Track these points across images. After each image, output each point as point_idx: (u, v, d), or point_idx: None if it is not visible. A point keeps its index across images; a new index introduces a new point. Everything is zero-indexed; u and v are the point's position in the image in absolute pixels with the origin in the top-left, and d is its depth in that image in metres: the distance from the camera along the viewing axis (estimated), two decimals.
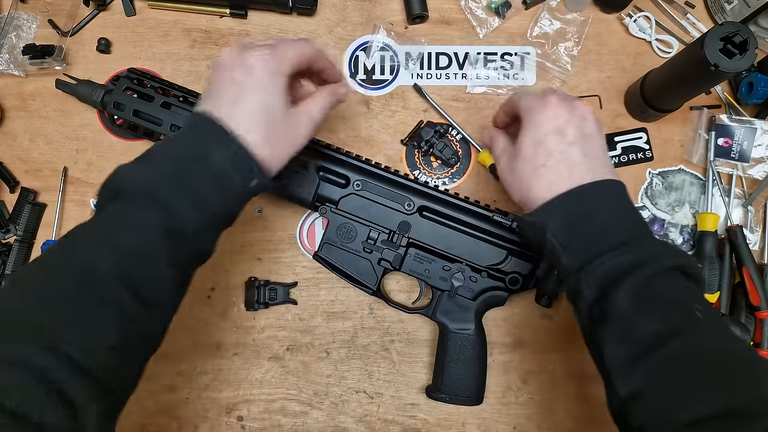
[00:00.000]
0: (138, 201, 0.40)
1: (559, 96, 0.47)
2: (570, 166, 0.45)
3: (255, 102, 0.43)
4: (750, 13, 0.65)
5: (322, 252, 0.59)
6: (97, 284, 0.36)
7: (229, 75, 0.44)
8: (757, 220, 0.67)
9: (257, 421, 0.63)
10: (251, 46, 0.45)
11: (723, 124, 0.66)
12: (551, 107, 0.46)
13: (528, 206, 0.47)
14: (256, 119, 0.43)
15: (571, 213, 0.44)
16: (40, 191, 0.66)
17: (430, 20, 0.69)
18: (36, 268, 0.40)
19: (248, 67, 0.43)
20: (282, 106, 0.45)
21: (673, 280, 0.40)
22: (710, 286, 0.63)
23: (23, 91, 0.67)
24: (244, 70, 0.44)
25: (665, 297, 0.40)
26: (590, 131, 0.47)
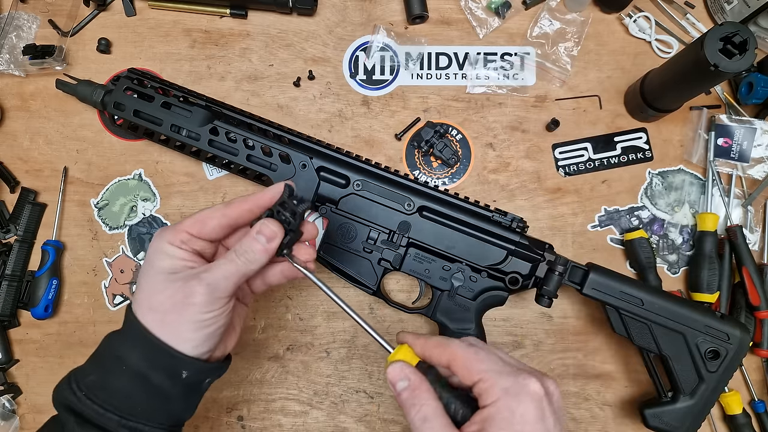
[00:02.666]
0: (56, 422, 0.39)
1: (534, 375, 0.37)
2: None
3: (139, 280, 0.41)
4: (750, 13, 0.65)
5: (322, 252, 0.59)
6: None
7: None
8: (756, 220, 0.67)
9: (257, 420, 0.63)
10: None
11: (723, 124, 0.66)
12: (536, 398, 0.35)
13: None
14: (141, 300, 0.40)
15: None
16: (40, 191, 0.66)
17: (430, 20, 0.70)
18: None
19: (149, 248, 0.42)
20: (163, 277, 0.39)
21: None
22: (710, 286, 0.63)
23: (23, 91, 0.67)
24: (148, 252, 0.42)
25: None
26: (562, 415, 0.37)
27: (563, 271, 0.57)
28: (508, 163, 0.68)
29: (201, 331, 0.39)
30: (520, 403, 0.34)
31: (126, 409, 0.39)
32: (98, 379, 0.39)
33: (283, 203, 0.42)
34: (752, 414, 0.64)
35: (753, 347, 0.63)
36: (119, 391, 0.39)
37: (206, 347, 0.40)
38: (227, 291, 0.40)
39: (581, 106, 0.69)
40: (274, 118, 0.61)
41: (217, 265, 0.40)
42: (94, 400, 0.38)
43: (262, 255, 0.41)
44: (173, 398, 0.40)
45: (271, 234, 0.41)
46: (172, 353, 0.39)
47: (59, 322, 0.65)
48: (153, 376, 0.39)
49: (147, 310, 0.39)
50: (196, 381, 0.41)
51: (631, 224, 0.67)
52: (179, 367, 0.39)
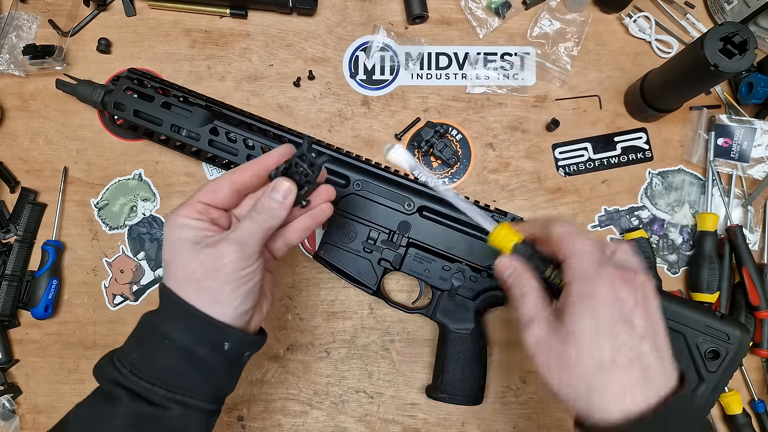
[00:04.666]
0: (105, 397, 0.40)
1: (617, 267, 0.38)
2: (644, 367, 0.36)
3: (165, 255, 0.42)
4: (750, 13, 0.65)
5: (322, 252, 0.59)
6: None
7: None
8: (756, 220, 0.67)
9: (257, 420, 0.63)
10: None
11: (723, 124, 0.66)
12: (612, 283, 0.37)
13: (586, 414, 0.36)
14: (174, 273, 0.41)
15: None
16: (40, 191, 0.66)
17: (430, 20, 0.70)
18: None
19: (164, 227, 0.43)
20: (190, 247, 0.40)
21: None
22: (710, 286, 0.63)
23: (23, 91, 0.67)
24: (165, 232, 0.43)
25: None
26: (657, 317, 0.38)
27: None
28: (508, 163, 0.68)
29: (239, 289, 0.40)
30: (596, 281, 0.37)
31: (172, 383, 0.39)
32: (143, 356, 0.40)
33: (302, 155, 0.43)
34: (752, 414, 0.64)
35: (753, 347, 0.63)
36: (165, 366, 0.40)
37: (245, 307, 0.41)
38: (255, 247, 0.41)
39: (581, 106, 0.69)
40: (274, 118, 0.61)
41: (239, 226, 0.41)
42: (140, 375, 0.39)
43: (280, 210, 0.42)
44: (217, 371, 0.41)
45: (285, 191, 0.42)
46: (214, 324, 0.40)
47: (59, 322, 0.65)
48: (198, 349, 0.40)
49: (183, 281, 0.40)
50: (237, 354, 0.42)
51: (631, 224, 0.67)
52: (222, 338, 0.40)
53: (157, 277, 0.66)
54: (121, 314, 0.65)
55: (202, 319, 0.39)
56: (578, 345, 0.36)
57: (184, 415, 0.39)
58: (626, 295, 0.37)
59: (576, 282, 0.38)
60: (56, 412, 0.64)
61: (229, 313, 0.40)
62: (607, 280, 0.37)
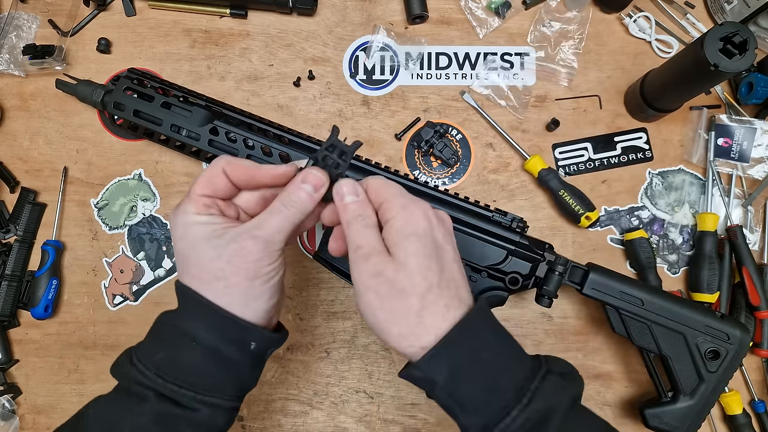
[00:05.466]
0: (130, 395, 0.39)
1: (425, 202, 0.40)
2: (457, 287, 0.38)
3: (180, 255, 0.40)
4: (750, 13, 0.65)
5: (322, 252, 0.58)
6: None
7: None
8: (756, 220, 0.67)
9: (257, 421, 0.63)
10: None
11: (723, 124, 0.66)
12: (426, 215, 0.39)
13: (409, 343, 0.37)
14: (197, 273, 0.39)
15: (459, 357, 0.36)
16: (40, 191, 0.66)
17: (430, 20, 0.69)
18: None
19: (171, 226, 0.41)
20: (211, 244, 0.39)
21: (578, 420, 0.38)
22: (710, 286, 0.63)
23: (23, 91, 0.67)
24: (171, 231, 0.41)
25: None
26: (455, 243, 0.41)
27: (563, 271, 0.56)
28: (508, 163, 0.67)
29: (266, 284, 0.39)
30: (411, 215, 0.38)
31: (199, 384, 0.39)
32: (167, 357, 0.39)
33: (330, 146, 0.41)
34: (752, 414, 0.64)
35: (753, 347, 0.63)
36: (192, 367, 0.39)
37: (273, 301, 0.41)
38: (281, 243, 0.40)
39: (581, 106, 0.69)
40: (274, 118, 0.61)
41: (265, 219, 0.40)
42: (166, 378, 0.38)
43: (309, 204, 0.40)
44: (243, 370, 0.41)
45: (317, 182, 0.40)
46: (240, 323, 0.39)
47: (59, 323, 0.65)
48: (224, 349, 0.39)
49: (210, 280, 0.38)
50: (262, 351, 0.41)
51: (631, 224, 0.67)
52: (248, 337, 0.40)
53: (157, 277, 0.66)
54: (121, 314, 0.65)
55: (228, 319, 0.38)
56: (411, 270, 0.37)
57: (211, 414, 0.39)
58: (437, 224, 0.40)
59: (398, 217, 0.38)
60: (56, 412, 0.64)
61: (259, 309, 0.39)
62: (421, 211, 0.39)
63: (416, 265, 0.37)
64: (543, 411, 0.36)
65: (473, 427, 0.37)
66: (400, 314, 0.37)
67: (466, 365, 0.36)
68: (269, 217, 0.39)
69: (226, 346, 0.39)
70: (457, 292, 0.38)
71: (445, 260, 0.39)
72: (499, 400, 0.36)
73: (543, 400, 0.36)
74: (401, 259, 0.37)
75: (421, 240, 0.38)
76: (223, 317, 0.38)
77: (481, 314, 0.38)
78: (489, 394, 0.36)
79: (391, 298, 0.37)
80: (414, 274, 0.37)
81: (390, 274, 0.37)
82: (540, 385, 0.37)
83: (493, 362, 0.37)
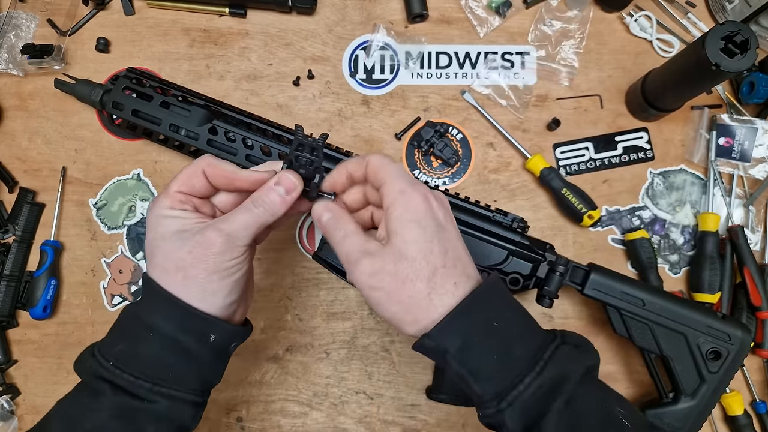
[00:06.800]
0: (89, 390, 0.39)
1: (418, 182, 0.41)
2: (464, 264, 0.39)
3: (149, 246, 0.41)
4: (751, 12, 0.65)
5: (321, 252, 0.58)
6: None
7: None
8: (758, 220, 0.67)
9: (257, 422, 0.63)
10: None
11: (724, 123, 0.66)
12: (425, 197, 0.39)
13: (424, 326, 0.37)
14: (160, 263, 0.39)
15: (472, 327, 0.37)
16: (38, 191, 0.66)
17: (431, 19, 0.69)
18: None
19: (147, 219, 0.42)
20: (177, 236, 0.39)
21: (590, 391, 0.38)
22: (711, 286, 0.62)
23: (22, 90, 0.67)
24: (146, 224, 0.42)
25: (594, 416, 0.36)
26: (455, 222, 0.41)
27: (564, 271, 0.56)
28: (509, 162, 0.67)
29: (226, 279, 0.40)
30: (410, 200, 0.38)
31: (157, 375, 0.39)
32: (127, 349, 0.39)
33: (300, 145, 0.41)
34: (754, 415, 0.63)
35: (754, 348, 0.63)
36: (150, 358, 0.39)
37: (232, 297, 0.41)
38: (246, 240, 0.40)
39: (582, 106, 0.68)
40: (273, 118, 0.61)
41: (233, 214, 0.40)
42: (124, 369, 0.38)
43: (281, 206, 0.41)
44: (203, 362, 0.41)
45: (290, 186, 0.41)
46: (199, 315, 0.39)
47: (58, 323, 0.65)
48: (183, 340, 0.39)
49: (170, 270, 0.39)
50: (223, 345, 0.42)
51: (632, 224, 0.67)
52: (207, 329, 0.40)
53: None
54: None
55: (185, 309, 0.39)
56: (411, 257, 0.37)
57: (170, 407, 0.39)
58: (436, 205, 0.39)
59: (397, 203, 0.38)
60: None
61: (217, 304, 0.40)
62: (420, 195, 0.39)
63: (417, 250, 0.37)
64: (556, 379, 0.36)
65: (486, 395, 0.37)
66: (410, 302, 0.37)
67: (478, 334, 0.37)
68: (237, 214, 0.40)
69: (184, 337, 0.39)
70: (464, 270, 0.39)
71: (448, 240, 0.39)
72: (513, 368, 0.36)
73: (556, 369, 0.36)
74: (401, 248, 0.37)
75: (421, 224, 0.38)
76: (180, 307, 0.39)
77: (493, 286, 0.39)
78: (502, 363, 0.36)
79: (397, 290, 0.37)
80: (416, 260, 0.37)
81: (390, 268, 0.37)
82: (553, 355, 0.37)
83: (505, 331, 0.37)
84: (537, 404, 0.36)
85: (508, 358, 0.37)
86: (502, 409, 0.36)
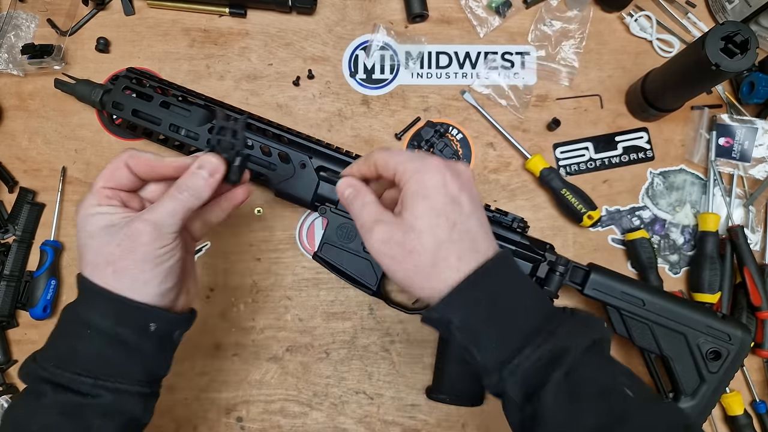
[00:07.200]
0: (32, 393, 0.39)
1: (436, 157, 0.42)
2: (472, 239, 0.39)
3: (80, 246, 0.41)
4: (751, 12, 0.65)
5: (321, 252, 0.58)
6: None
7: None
8: (758, 220, 0.67)
9: (256, 422, 0.63)
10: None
11: (724, 123, 0.66)
12: (439, 171, 0.40)
13: (429, 293, 0.39)
14: (91, 260, 0.40)
15: (476, 300, 0.38)
16: (38, 191, 0.66)
17: (431, 19, 0.69)
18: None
19: (76, 221, 0.42)
20: (105, 231, 0.40)
21: (594, 362, 0.38)
22: (711, 286, 0.62)
23: (22, 90, 0.67)
24: (78, 222, 0.42)
25: (594, 386, 0.37)
26: (477, 198, 0.42)
27: (564, 271, 0.56)
28: (509, 162, 0.67)
29: (158, 267, 0.40)
30: (424, 176, 0.39)
31: (100, 370, 0.39)
32: (66, 348, 0.40)
33: (221, 128, 0.42)
34: (753, 415, 0.63)
35: (754, 348, 0.63)
36: (90, 355, 0.39)
37: (167, 285, 0.41)
38: (174, 226, 0.40)
39: (582, 106, 0.68)
40: (273, 118, 0.61)
41: (159, 203, 0.40)
42: (65, 368, 0.38)
43: (205, 189, 0.41)
44: (146, 353, 0.41)
45: (212, 168, 0.41)
46: (136, 305, 0.39)
47: None
48: (122, 332, 0.39)
49: (100, 265, 0.39)
50: (166, 333, 0.42)
51: (632, 224, 0.67)
52: (146, 319, 0.40)
53: None
54: None
55: (123, 302, 0.39)
56: (419, 230, 0.38)
57: (115, 400, 0.39)
58: (451, 179, 0.40)
59: (412, 181, 0.40)
60: None
61: (151, 292, 0.40)
62: (434, 169, 0.40)
63: (424, 224, 0.38)
64: (556, 351, 0.37)
65: (489, 365, 0.38)
66: (416, 271, 0.39)
67: (483, 306, 0.38)
68: (162, 202, 0.40)
69: (122, 329, 0.39)
70: (473, 244, 0.39)
71: (459, 214, 0.39)
72: (514, 341, 0.37)
73: (557, 341, 0.37)
74: (410, 222, 0.39)
75: (431, 199, 0.39)
76: (115, 300, 0.39)
77: (500, 261, 0.39)
78: (504, 334, 0.38)
79: (404, 259, 0.39)
80: (422, 233, 0.38)
81: (399, 238, 0.39)
82: (557, 329, 0.38)
83: (510, 304, 0.39)
84: (537, 374, 0.36)
85: (510, 330, 0.38)
86: (504, 378, 0.37)
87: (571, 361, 0.36)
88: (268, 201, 0.66)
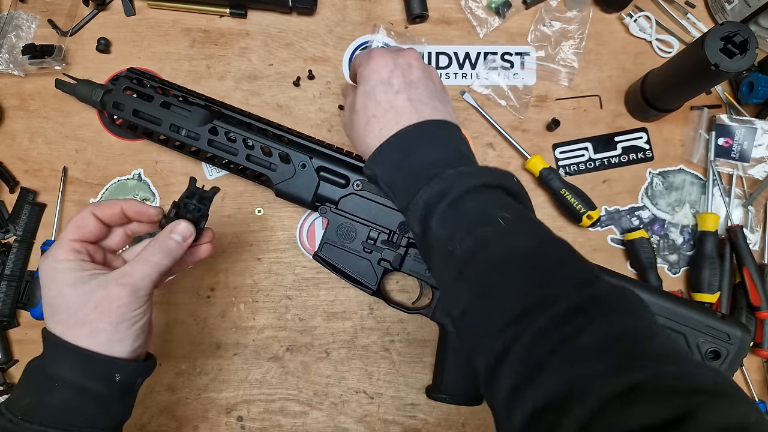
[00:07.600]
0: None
1: (383, 48, 0.51)
2: (397, 113, 0.48)
3: (47, 303, 0.42)
4: (750, 12, 0.65)
5: (322, 252, 0.58)
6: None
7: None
8: (757, 220, 0.67)
9: (257, 421, 0.63)
10: None
11: (723, 124, 0.66)
12: (375, 59, 0.49)
13: (366, 153, 0.50)
14: (64, 319, 0.41)
15: (392, 157, 0.47)
16: (39, 191, 0.66)
17: (430, 20, 0.69)
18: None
19: (40, 274, 0.43)
20: (77, 291, 0.41)
21: (478, 198, 0.43)
22: (710, 286, 0.63)
23: (23, 90, 0.67)
24: (40, 279, 0.43)
25: (471, 215, 0.42)
26: (416, 78, 0.49)
27: None
28: (509, 162, 0.67)
29: (132, 327, 0.42)
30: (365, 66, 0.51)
31: (67, 420, 0.40)
32: (34, 401, 0.40)
33: (191, 194, 0.47)
34: None
35: (754, 347, 0.63)
36: (58, 407, 0.40)
37: (139, 342, 0.43)
38: (148, 289, 0.43)
39: (582, 106, 0.68)
40: (273, 118, 0.61)
41: (133, 267, 0.43)
42: (32, 421, 0.39)
43: (179, 251, 0.45)
44: (111, 402, 0.42)
45: (185, 232, 0.45)
46: (104, 359, 0.41)
47: None
48: (89, 384, 0.41)
49: (75, 325, 0.40)
50: (130, 382, 0.44)
51: (631, 224, 0.67)
52: (113, 371, 0.42)
53: None
54: None
55: (93, 357, 0.40)
56: (356, 110, 0.50)
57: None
58: (384, 64, 0.49)
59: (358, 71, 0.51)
60: None
61: (125, 350, 0.42)
62: (372, 60, 0.50)
63: (359, 105, 0.50)
64: (443, 188, 0.43)
65: (401, 206, 0.48)
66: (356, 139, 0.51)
67: (398, 161, 0.47)
68: (137, 265, 0.43)
69: (90, 382, 0.41)
70: (396, 119, 0.48)
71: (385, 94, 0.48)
72: (416, 185, 0.45)
73: (445, 182, 0.43)
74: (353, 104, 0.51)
75: (364, 84, 0.50)
76: (84, 355, 0.40)
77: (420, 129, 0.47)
78: (409, 181, 0.46)
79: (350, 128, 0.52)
80: (358, 111, 0.50)
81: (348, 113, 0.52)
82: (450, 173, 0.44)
83: (419, 158, 0.46)
84: (426, 208, 0.44)
85: (414, 178, 0.46)
86: (408, 217, 0.46)
87: (454, 196, 0.42)
88: (268, 201, 0.66)
